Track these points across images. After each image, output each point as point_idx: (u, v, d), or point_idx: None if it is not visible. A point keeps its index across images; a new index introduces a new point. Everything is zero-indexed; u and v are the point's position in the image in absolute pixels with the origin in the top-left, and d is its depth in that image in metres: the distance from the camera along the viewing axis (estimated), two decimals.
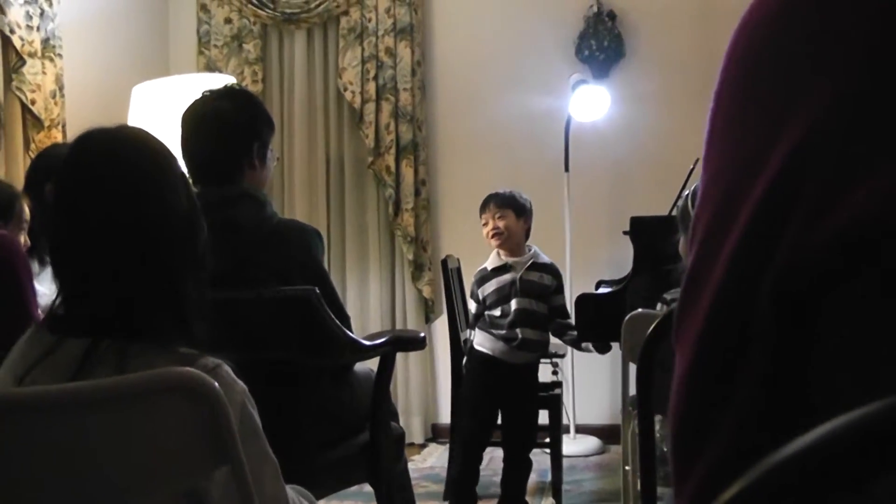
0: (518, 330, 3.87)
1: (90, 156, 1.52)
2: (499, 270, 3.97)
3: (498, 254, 4.01)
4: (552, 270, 4.04)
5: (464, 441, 4.01)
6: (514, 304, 3.90)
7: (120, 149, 1.54)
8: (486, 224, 4.03)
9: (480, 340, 3.94)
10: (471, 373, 3.98)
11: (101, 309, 1.45)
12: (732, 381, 0.59)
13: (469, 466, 3.94)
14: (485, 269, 4.02)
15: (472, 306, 4.06)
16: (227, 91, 2.78)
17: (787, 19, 0.62)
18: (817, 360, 0.54)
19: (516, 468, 3.98)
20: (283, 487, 1.53)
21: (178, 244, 1.51)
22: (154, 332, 1.45)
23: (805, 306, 0.55)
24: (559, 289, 4.05)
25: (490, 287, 3.94)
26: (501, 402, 3.95)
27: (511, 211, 4.00)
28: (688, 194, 2.47)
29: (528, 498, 4.28)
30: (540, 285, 3.97)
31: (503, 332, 3.88)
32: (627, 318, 2.55)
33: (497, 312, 3.92)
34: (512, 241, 3.98)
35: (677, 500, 0.65)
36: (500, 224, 3.97)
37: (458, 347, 4.40)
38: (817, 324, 0.54)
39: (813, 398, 0.54)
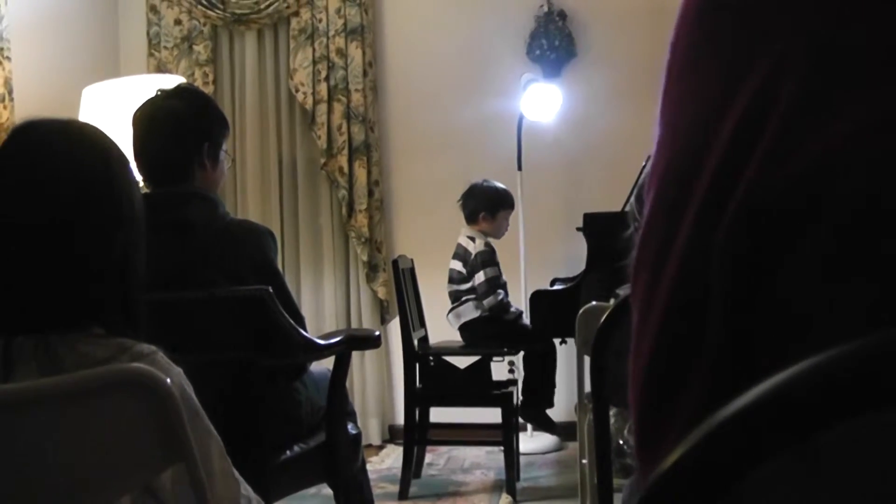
0: None
1: (19, 146, 1.51)
2: None
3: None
4: None
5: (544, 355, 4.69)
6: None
7: (40, 140, 1.53)
8: (506, 220, 4.81)
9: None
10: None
11: (21, 305, 1.43)
12: (699, 350, 0.59)
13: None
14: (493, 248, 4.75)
15: (484, 275, 4.60)
16: (178, 90, 2.76)
17: None
18: (767, 309, 0.55)
19: None
20: (230, 463, 1.53)
21: (103, 235, 1.49)
22: (78, 323, 1.43)
23: (755, 258, 0.55)
24: None
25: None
26: None
27: None
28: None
29: (485, 495, 4.32)
30: None
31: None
32: (581, 311, 2.56)
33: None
34: None
35: (644, 469, 0.65)
36: None
37: (411, 348, 4.41)
38: (766, 274, 0.54)
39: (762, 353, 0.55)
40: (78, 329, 1.44)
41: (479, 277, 4.57)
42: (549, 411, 4.77)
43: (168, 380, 1.23)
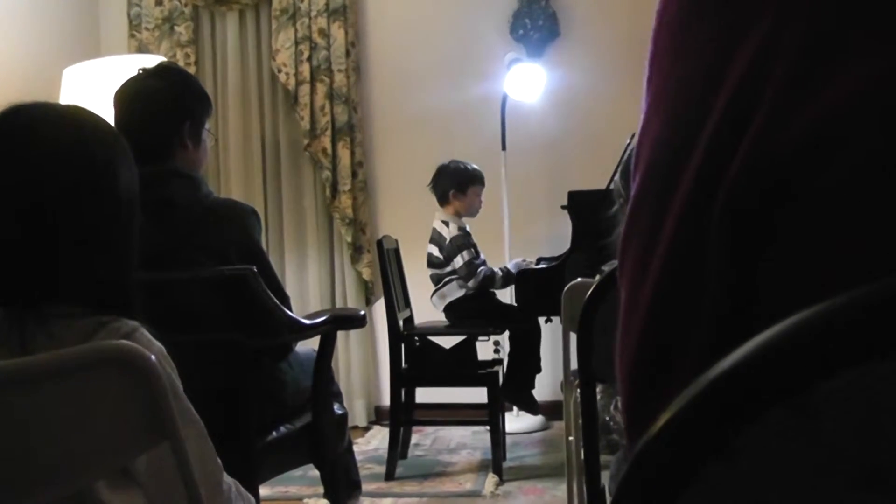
0: None
1: (15, 127, 1.50)
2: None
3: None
4: None
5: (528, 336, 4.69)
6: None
7: (47, 119, 1.52)
8: (478, 196, 4.76)
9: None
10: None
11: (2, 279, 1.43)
12: (695, 321, 0.58)
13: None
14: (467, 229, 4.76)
15: (462, 259, 4.61)
16: (159, 69, 2.74)
17: None
18: (765, 275, 0.54)
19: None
20: (212, 448, 1.52)
21: (86, 218, 1.49)
22: (57, 300, 1.43)
23: (757, 220, 0.54)
24: None
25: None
26: None
27: None
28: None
29: (471, 475, 4.34)
30: None
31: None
32: (567, 287, 2.56)
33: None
34: None
35: (634, 442, 0.64)
36: None
37: (396, 328, 4.41)
38: (767, 236, 0.54)
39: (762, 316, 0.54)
40: (56, 305, 1.44)
41: (458, 262, 4.58)
42: (534, 391, 4.78)
43: (153, 357, 1.22)
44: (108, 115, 2.65)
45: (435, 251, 4.68)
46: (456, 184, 4.71)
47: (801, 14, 0.55)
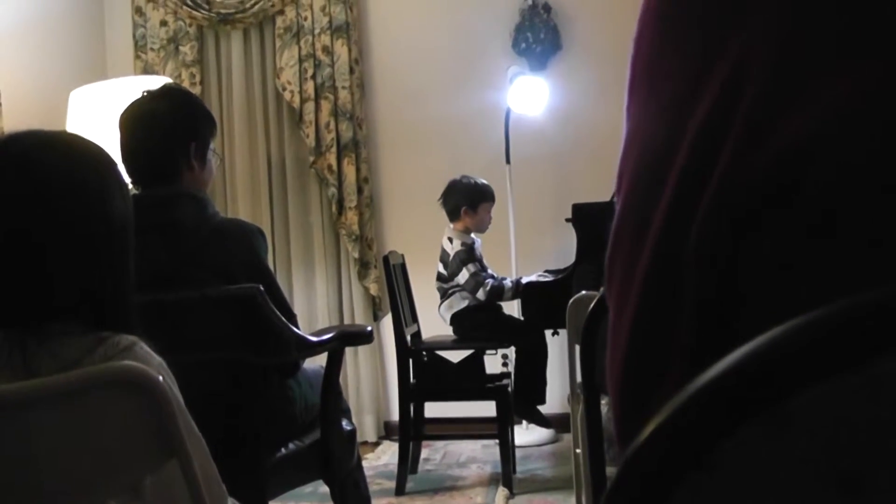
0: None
1: (10, 156, 1.52)
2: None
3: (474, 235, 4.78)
4: None
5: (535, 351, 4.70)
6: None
7: (47, 146, 1.55)
8: (488, 212, 4.78)
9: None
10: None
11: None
12: (676, 333, 0.59)
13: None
14: (474, 242, 4.74)
15: (467, 272, 4.62)
16: (163, 91, 2.76)
17: None
18: (744, 295, 0.55)
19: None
20: (215, 469, 1.53)
21: (81, 243, 1.52)
22: (54, 319, 1.46)
23: (735, 238, 0.55)
24: None
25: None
26: None
27: None
28: None
29: (481, 488, 4.34)
30: None
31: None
32: (572, 300, 2.57)
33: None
34: None
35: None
36: None
37: (404, 344, 4.42)
38: (744, 258, 0.55)
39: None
40: (55, 323, 1.46)
41: (463, 276, 4.59)
42: (544, 403, 4.79)
43: (160, 378, 1.23)
44: (115, 137, 2.68)
45: (440, 267, 4.71)
46: (468, 200, 4.71)
47: (769, 40, 0.56)
